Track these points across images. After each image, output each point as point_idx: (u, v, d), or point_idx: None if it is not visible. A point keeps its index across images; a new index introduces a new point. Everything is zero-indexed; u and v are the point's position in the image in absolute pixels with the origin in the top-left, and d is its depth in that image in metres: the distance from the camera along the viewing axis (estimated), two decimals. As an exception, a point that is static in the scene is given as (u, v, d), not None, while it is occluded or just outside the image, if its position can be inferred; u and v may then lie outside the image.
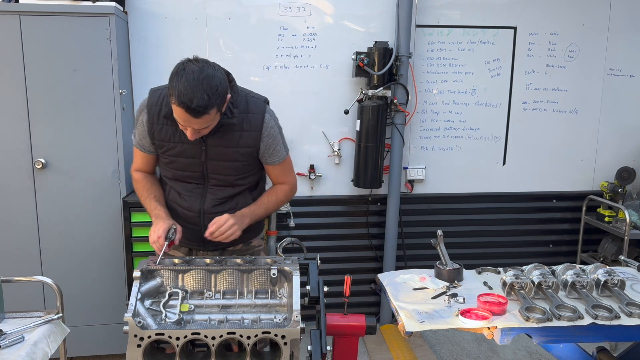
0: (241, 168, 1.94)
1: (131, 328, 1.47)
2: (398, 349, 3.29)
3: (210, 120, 1.70)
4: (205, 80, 1.62)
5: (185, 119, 1.66)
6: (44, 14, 2.66)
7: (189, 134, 1.74)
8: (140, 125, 1.89)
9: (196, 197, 1.95)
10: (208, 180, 1.94)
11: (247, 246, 2.11)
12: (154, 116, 1.85)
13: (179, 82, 1.61)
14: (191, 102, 1.59)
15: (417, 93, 3.47)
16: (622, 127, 3.74)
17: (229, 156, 1.89)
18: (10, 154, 2.75)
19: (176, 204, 1.99)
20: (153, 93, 1.89)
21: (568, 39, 3.56)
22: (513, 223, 3.74)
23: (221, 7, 3.23)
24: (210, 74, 1.64)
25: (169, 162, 1.93)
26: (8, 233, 2.81)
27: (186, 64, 1.66)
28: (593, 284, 1.91)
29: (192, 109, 1.61)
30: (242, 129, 1.86)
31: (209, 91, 1.61)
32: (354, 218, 3.58)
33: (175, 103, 1.63)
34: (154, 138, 1.88)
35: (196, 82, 1.60)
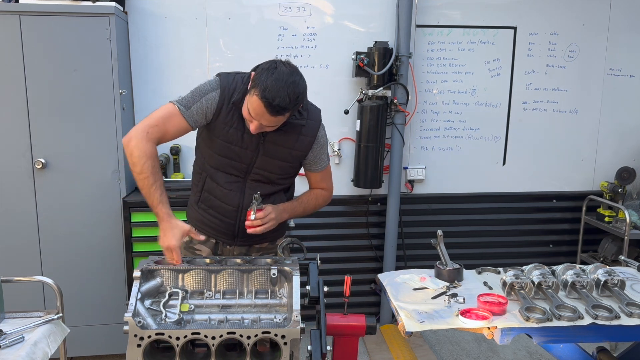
0: (287, 169, 1.97)
1: (131, 328, 1.47)
2: (398, 349, 3.29)
3: (280, 122, 1.76)
4: (292, 85, 1.69)
5: (260, 113, 1.70)
6: (44, 14, 2.65)
7: (253, 127, 1.76)
8: (209, 101, 1.83)
9: (235, 191, 1.93)
10: (249, 175, 1.93)
11: (272, 244, 2.11)
12: (226, 97, 1.84)
13: (269, 78, 1.67)
14: (273, 100, 1.66)
15: (417, 93, 3.47)
16: (622, 127, 3.74)
17: (282, 156, 1.92)
18: (10, 154, 2.75)
19: (213, 195, 1.96)
20: (226, 76, 1.88)
21: (568, 39, 3.56)
22: (513, 223, 3.74)
23: (221, 7, 3.23)
24: (297, 81, 1.72)
25: (220, 148, 1.88)
26: (8, 233, 2.81)
27: (278, 63, 1.72)
28: (593, 284, 1.91)
29: (272, 106, 1.67)
30: (300, 132, 1.92)
31: (292, 96, 1.69)
32: (354, 218, 3.58)
33: (257, 95, 1.68)
34: (218, 119, 1.85)
35: (284, 83, 1.67)
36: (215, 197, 1.96)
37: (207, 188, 1.98)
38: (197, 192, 2.02)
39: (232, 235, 2.00)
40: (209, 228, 2.01)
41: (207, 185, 1.97)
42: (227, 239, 2.02)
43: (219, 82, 1.86)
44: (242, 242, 2.02)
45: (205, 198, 1.98)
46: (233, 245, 2.04)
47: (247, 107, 1.75)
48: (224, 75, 1.89)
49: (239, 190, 1.94)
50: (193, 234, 1.84)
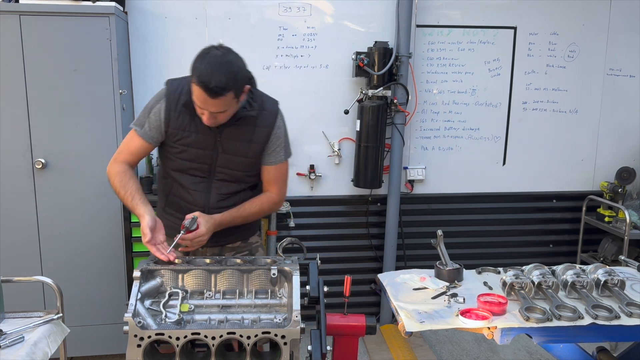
0: (249, 164, 1.97)
1: (131, 328, 1.47)
2: (398, 349, 3.29)
3: (226, 105, 1.75)
4: (226, 64, 1.72)
5: (203, 100, 1.72)
6: (44, 14, 2.65)
7: (206, 118, 1.78)
8: (155, 114, 1.89)
9: (201, 192, 1.95)
10: (214, 175, 1.95)
11: (245, 243, 2.12)
12: (172, 103, 1.88)
13: (202, 63, 1.71)
14: (210, 82, 1.67)
15: (417, 93, 3.47)
16: (622, 127, 3.74)
17: (241, 151, 1.93)
18: (10, 154, 2.75)
19: (180, 198, 1.98)
20: (172, 82, 1.93)
21: (568, 39, 3.56)
22: (513, 223, 3.74)
23: (221, 7, 3.23)
24: (232, 60, 1.75)
25: (178, 152, 1.92)
26: (8, 233, 2.81)
27: (210, 49, 1.76)
28: (593, 284, 1.91)
29: (210, 89, 1.68)
30: (256, 124, 1.93)
31: (228, 74, 1.70)
32: (354, 218, 3.58)
33: (195, 82, 1.71)
34: (169, 126, 1.89)
35: (217, 65, 1.70)
36: (182, 199, 1.98)
37: (173, 192, 2.00)
38: (164, 198, 2.04)
39: None
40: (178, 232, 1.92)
41: (174, 190, 1.99)
42: None
43: (164, 91, 1.91)
44: (212, 243, 1.99)
45: (172, 202, 2.00)
46: (205, 246, 2.00)
47: (194, 100, 1.78)
48: (170, 82, 1.93)
49: (205, 190, 1.95)
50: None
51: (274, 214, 3.33)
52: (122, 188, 1.89)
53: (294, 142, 3.38)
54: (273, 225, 3.36)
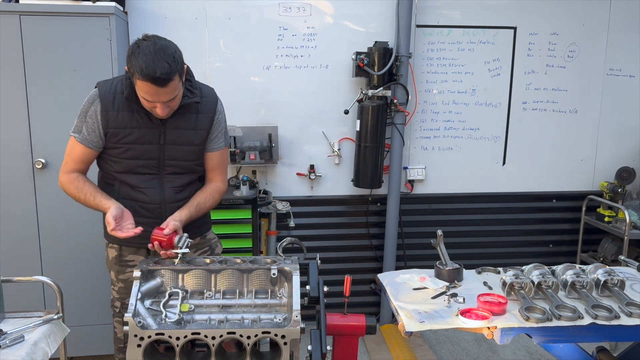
0: (198, 152, 1.97)
1: (131, 328, 1.47)
2: (398, 349, 3.29)
3: (175, 89, 1.75)
4: (161, 50, 1.69)
5: (153, 92, 1.71)
6: (44, 14, 2.65)
7: (160, 110, 1.77)
8: (91, 117, 1.87)
9: (154, 188, 1.92)
10: (163, 169, 1.93)
11: (204, 239, 2.13)
12: (109, 104, 1.85)
13: (138, 59, 1.68)
14: (155, 72, 1.66)
15: (417, 93, 3.47)
16: (622, 127, 3.74)
17: (187, 139, 1.93)
18: (10, 154, 2.75)
19: (132, 199, 1.93)
20: (103, 84, 1.90)
21: (568, 39, 3.56)
22: (513, 223, 3.74)
23: (221, 7, 3.23)
24: (164, 45, 1.72)
25: (123, 152, 1.88)
26: (8, 233, 2.81)
27: (139, 42, 1.72)
28: (593, 284, 1.91)
29: (157, 79, 1.67)
30: (198, 111, 1.93)
31: (167, 59, 1.69)
32: (354, 218, 3.58)
33: (139, 79, 1.68)
34: (109, 127, 1.86)
35: (153, 54, 1.67)
36: (134, 200, 1.93)
37: (124, 195, 1.94)
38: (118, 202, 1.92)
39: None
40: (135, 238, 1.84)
41: (123, 193, 1.94)
42: None
43: (97, 93, 1.89)
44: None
45: (126, 205, 1.89)
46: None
47: (142, 98, 1.76)
48: (102, 84, 1.91)
49: (158, 186, 1.93)
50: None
51: (274, 214, 3.33)
52: (80, 192, 1.87)
53: (294, 142, 3.43)
54: (273, 225, 3.36)
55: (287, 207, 3.36)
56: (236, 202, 3.02)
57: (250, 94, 3.35)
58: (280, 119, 3.39)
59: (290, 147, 3.44)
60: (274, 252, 3.32)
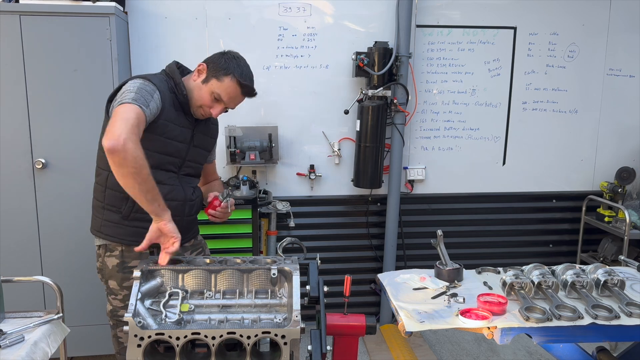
0: (206, 157, 2.13)
1: (131, 328, 1.47)
2: (398, 349, 3.29)
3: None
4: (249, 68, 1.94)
5: (235, 96, 1.91)
6: (44, 14, 2.66)
7: (216, 112, 1.93)
8: (156, 101, 1.79)
9: (178, 186, 1.97)
10: (182, 169, 1.99)
11: (197, 240, 2.21)
12: (165, 95, 1.87)
13: (239, 65, 1.89)
14: (252, 83, 1.92)
15: (417, 93, 3.47)
16: (622, 127, 3.74)
17: (207, 145, 2.09)
18: (10, 154, 2.75)
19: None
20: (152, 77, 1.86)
21: (568, 39, 3.56)
22: (513, 223, 3.74)
23: (221, 7, 3.23)
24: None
25: (162, 145, 1.86)
26: (8, 233, 2.81)
27: (233, 52, 1.94)
28: (593, 284, 1.91)
29: (250, 89, 1.91)
30: (211, 121, 2.10)
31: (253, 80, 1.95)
32: (354, 218, 3.58)
33: (236, 80, 1.87)
34: (161, 117, 1.84)
35: (249, 68, 1.93)
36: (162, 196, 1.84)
37: None
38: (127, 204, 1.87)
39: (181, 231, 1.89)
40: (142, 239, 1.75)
41: None
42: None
43: (153, 85, 1.81)
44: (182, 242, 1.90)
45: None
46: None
47: (210, 94, 1.88)
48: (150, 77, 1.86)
49: (179, 184, 1.97)
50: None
51: (274, 214, 3.33)
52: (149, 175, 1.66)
53: (294, 142, 3.43)
54: (273, 225, 3.37)
55: (287, 207, 3.37)
56: (236, 202, 3.00)
57: (250, 94, 3.35)
58: (280, 119, 3.39)
59: (290, 147, 3.44)
60: (274, 252, 3.32)
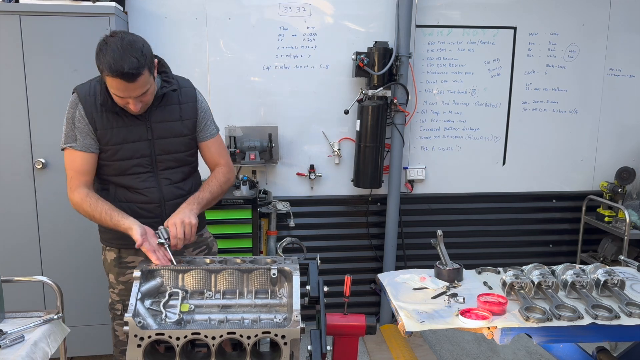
0: (188, 142, 1.97)
1: (131, 328, 1.47)
2: (398, 349, 3.29)
3: (146, 84, 1.74)
4: (129, 45, 1.68)
5: (124, 88, 1.70)
6: (44, 14, 2.66)
7: (132, 106, 1.76)
8: (80, 122, 1.83)
9: (151, 187, 1.91)
10: (157, 165, 1.92)
11: (201, 237, 2.11)
12: (91, 106, 1.83)
13: (106, 55, 1.67)
14: (123, 68, 1.65)
15: (417, 93, 3.47)
16: (622, 127, 3.74)
17: (175, 130, 1.93)
18: (10, 154, 2.75)
19: (129, 201, 1.91)
20: (80, 87, 1.88)
21: (568, 39, 3.56)
22: (513, 223, 3.74)
23: (221, 7, 3.23)
24: (132, 40, 1.71)
25: (113, 153, 1.86)
26: (8, 233, 2.81)
27: (107, 38, 1.71)
28: (593, 284, 1.91)
29: (126, 74, 1.66)
30: (179, 102, 1.94)
31: (135, 54, 1.67)
32: (354, 218, 3.58)
33: (109, 75, 1.67)
34: (97, 128, 1.83)
35: (121, 49, 1.66)
36: (133, 202, 1.91)
37: (120, 198, 1.92)
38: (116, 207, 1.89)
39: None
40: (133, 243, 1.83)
41: (120, 196, 1.92)
42: None
43: (77, 97, 1.85)
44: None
45: (123, 209, 1.86)
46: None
47: (114, 95, 1.75)
48: (79, 87, 1.88)
49: (156, 184, 1.92)
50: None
51: (274, 214, 3.33)
52: (94, 211, 1.81)
53: (294, 142, 3.43)
54: (273, 225, 3.37)
55: (287, 207, 3.37)
56: (236, 202, 3.01)
57: (250, 94, 3.35)
58: (280, 119, 3.39)
59: (290, 147, 3.44)
60: (274, 252, 3.32)
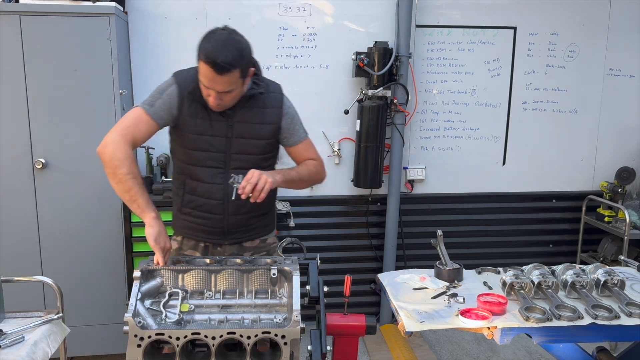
0: (264, 147, 1.95)
1: (131, 328, 1.47)
2: (398, 349, 3.29)
3: (232, 83, 1.74)
4: (232, 42, 1.73)
5: (211, 78, 1.71)
6: (44, 14, 2.66)
7: (212, 100, 1.77)
8: (168, 96, 1.85)
9: (219, 184, 1.91)
10: (229, 163, 1.91)
11: (264, 243, 2.09)
12: (184, 91, 1.86)
13: (208, 42, 1.71)
14: (217, 58, 1.67)
15: (417, 93, 3.47)
16: (622, 127, 3.74)
17: (255, 133, 1.91)
18: (10, 154, 2.75)
19: (197, 194, 1.93)
20: (179, 73, 1.91)
21: (568, 39, 3.56)
22: (513, 223, 3.74)
23: (221, 7, 3.23)
24: (238, 39, 1.76)
25: (191, 142, 1.88)
26: (8, 233, 2.81)
27: (216, 29, 1.75)
28: (593, 284, 1.91)
29: (217, 64, 1.68)
30: (265, 105, 1.93)
31: (234, 52, 1.71)
32: (354, 218, 3.58)
33: (202, 60, 1.70)
34: (182, 112, 1.86)
35: (224, 42, 1.71)
36: (198, 195, 1.93)
37: (188, 189, 1.94)
38: (179, 197, 1.98)
39: (221, 232, 1.96)
40: (196, 232, 1.98)
41: (189, 186, 1.94)
42: (217, 237, 1.98)
43: (174, 79, 1.90)
44: (232, 241, 1.99)
45: (189, 200, 1.94)
46: (224, 244, 2.00)
47: (201, 83, 1.77)
48: (179, 72, 1.92)
49: (223, 182, 1.91)
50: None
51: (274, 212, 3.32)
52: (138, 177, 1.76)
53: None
54: (273, 225, 3.36)
55: (287, 207, 3.37)
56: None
57: (250, 94, 3.35)
58: (280, 119, 3.38)
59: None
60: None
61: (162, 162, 3.13)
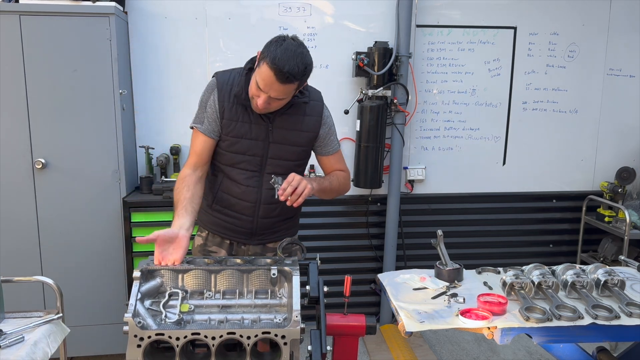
0: (300, 153, 1.98)
1: (131, 328, 1.47)
2: (398, 349, 3.29)
3: (287, 93, 1.78)
4: (301, 55, 1.74)
5: (270, 83, 1.73)
6: (44, 14, 2.66)
7: (260, 102, 1.77)
8: (211, 107, 1.89)
9: (253, 187, 1.94)
10: (265, 167, 1.93)
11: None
12: (225, 94, 1.88)
13: (278, 48, 1.73)
14: (283, 67, 1.69)
15: (417, 93, 3.47)
16: (622, 127, 3.74)
17: (293, 139, 1.93)
18: (10, 154, 2.75)
19: (230, 194, 1.97)
20: (222, 74, 1.93)
21: (568, 39, 3.56)
22: (513, 223, 3.74)
23: (221, 7, 3.23)
24: (305, 53, 1.77)
25: (230, 144, 1.90)
26: (8, 233, 2.81)
27: (286, 37, 1.78)
28: (593, 284, 1.91)
29: (282, 73, 1.70)
30: (305, 113, 1.94)
31: (300, 65, 1.72)
32: (354, 218, 3.58)
33: (268, 64, 1.72)
34: (224, 117, 1.88)
35: (293, 53, 1.72)
36: (232, 195, 1.96)
37: (223, 188, 1.98)
38: (212, 194, 2.01)
39: (249, 233, 2.00)
40: (224, 229, 2.02)
41: (224, 185, 1.97)
42: (244, 238, 2.02)
43: (215, 83, 1.91)
44: (258, 241, 2.03)
45: (221, 198, 1.98)
46: (248, 244, 2.03)
47: (255, 82, 1.77)
48: (220, 74, 1.93)
49: (257, 185, 1.94)
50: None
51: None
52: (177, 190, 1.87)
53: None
54: (273, 225, 3.36)
55: (287, 207, 3.36)
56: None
57: (250, 94, 3.35)
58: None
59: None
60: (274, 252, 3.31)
61: (162, 162, 3.13)
